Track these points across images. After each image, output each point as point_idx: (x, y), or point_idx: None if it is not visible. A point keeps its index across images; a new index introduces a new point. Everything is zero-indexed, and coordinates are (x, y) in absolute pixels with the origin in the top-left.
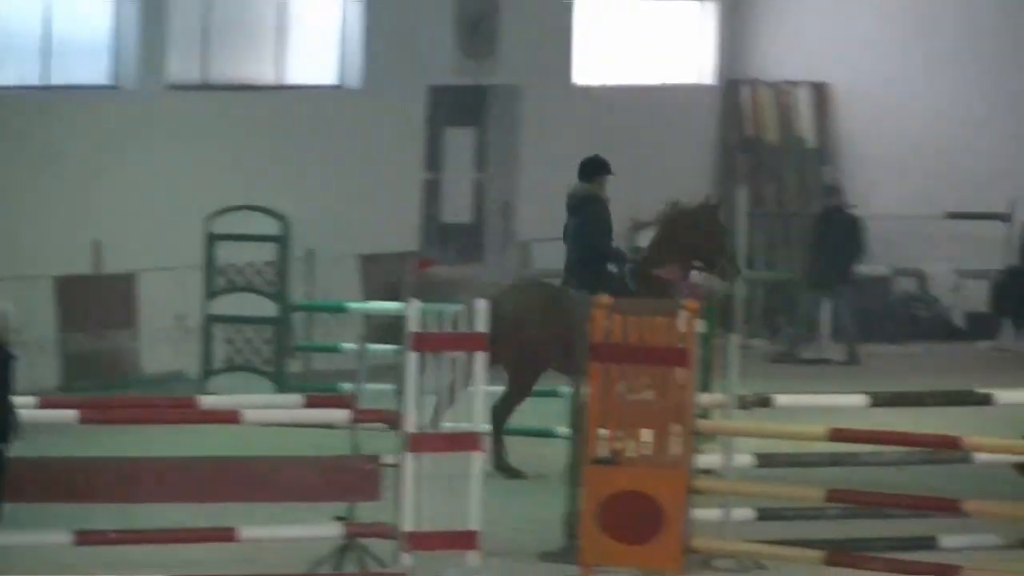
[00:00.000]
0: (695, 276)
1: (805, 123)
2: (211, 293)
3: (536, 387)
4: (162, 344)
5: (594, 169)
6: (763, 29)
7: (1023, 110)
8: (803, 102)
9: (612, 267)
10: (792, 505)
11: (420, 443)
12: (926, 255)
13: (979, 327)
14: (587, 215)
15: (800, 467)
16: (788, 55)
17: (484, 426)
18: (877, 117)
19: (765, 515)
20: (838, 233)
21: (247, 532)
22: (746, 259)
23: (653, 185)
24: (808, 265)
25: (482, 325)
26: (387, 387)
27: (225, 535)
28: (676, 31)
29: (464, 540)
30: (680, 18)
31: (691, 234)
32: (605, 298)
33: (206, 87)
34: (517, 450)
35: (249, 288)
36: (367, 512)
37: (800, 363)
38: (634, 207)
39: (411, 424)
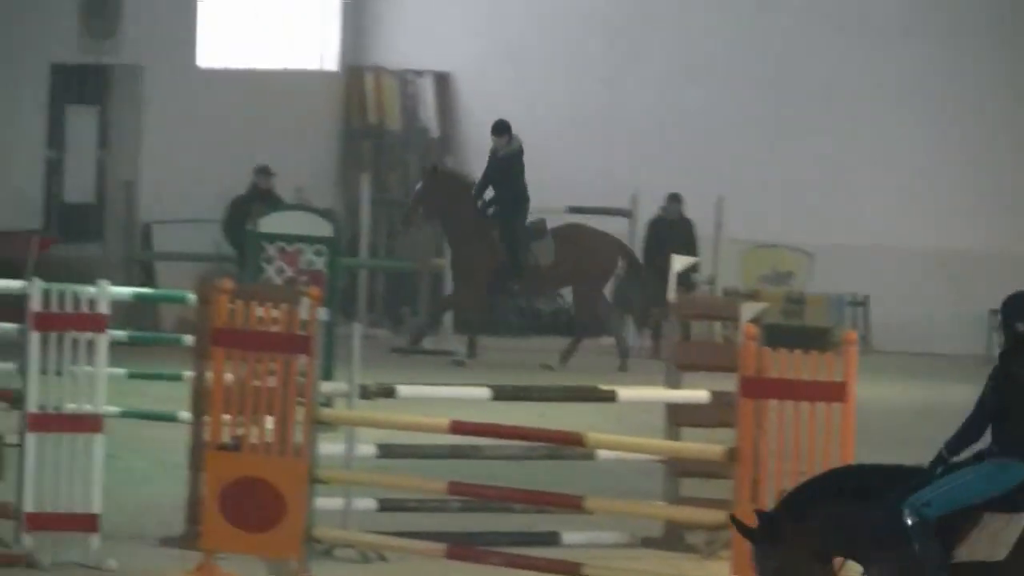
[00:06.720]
0: None
1: (429, 112)
2: None
3: (160, 370)
4: None
5: None
6: (388, 17)
7: (643, 107)
8: (427, 91)
9: None
10: (414, 497)
11: (42, 423)
12: None
13: (602, 324)
14: None
15: (422, 459)
16: (413, 44)
17: (106, 408)
18: (501, 109)
19: (387, 506)
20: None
21: None
22: (369, 247)
23: (278, 169)
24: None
25: (104, 306)
26: (8, 365)
27: None
28: (300, 16)
29: (84, 522)
30: (305, 4)
31: None
32: (227, 282)
33: None
34: (139, 435)
35: None
36: None
37: (424, 354)
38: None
39: (33, 403)
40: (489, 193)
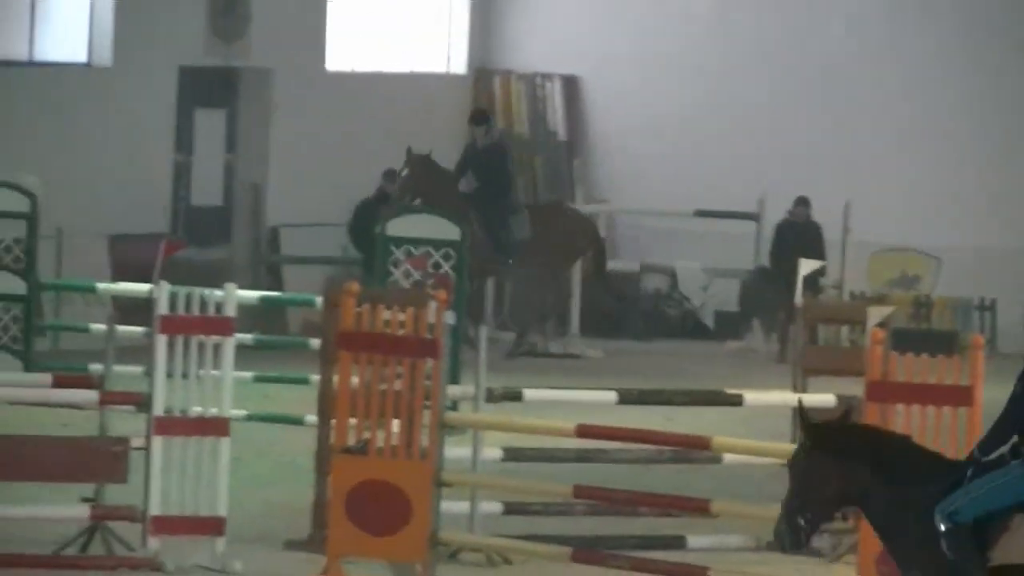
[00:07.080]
0: None
1: (557, 116)
2: None
3: (287, 373)
4: None
5: None
6: (515, 20)
7: (774, 109)
8: (555, 94)
9: None
10: (540, 500)
11: (168, 426)
12: (676, 253)
13: (728, 327)
14: None
15: (548, 462)
16: (540, 47)
17: (232, 411)
18: (628, 112)
19: (512, 509)
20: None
21: None
22: None
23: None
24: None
25: (231, 309)
26: (136, 369)
27: None
28: (428, 19)
29: (210, 526)
30: (432, 6)
31: None
32: (354, 285)
33: None
34: (265, 438)
35: None
36: (115, 494)
37: (549, 357)
38: None
39: (159, 407)
40: (472, 185)
